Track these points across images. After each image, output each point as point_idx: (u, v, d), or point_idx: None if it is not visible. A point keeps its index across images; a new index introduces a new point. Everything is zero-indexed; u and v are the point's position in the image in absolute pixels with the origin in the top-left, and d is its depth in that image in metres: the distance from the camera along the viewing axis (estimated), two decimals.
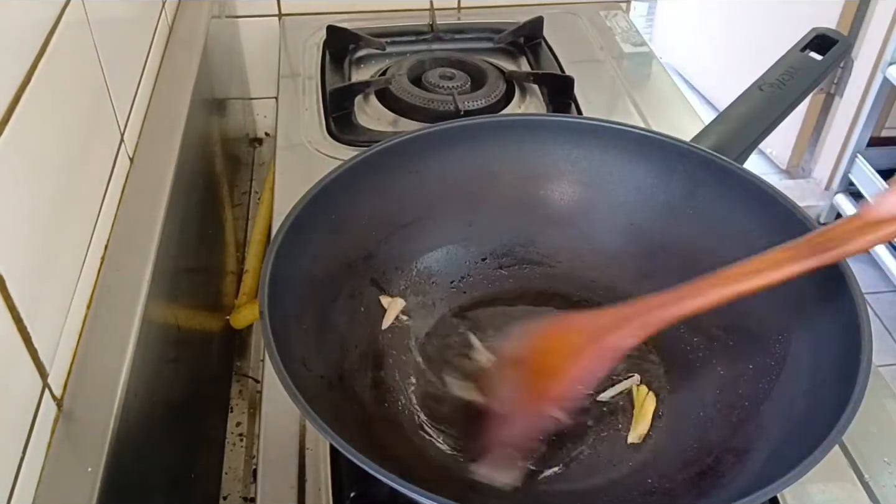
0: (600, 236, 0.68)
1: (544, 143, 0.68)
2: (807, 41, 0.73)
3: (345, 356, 0.59)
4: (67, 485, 0.45)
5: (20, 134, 0.45)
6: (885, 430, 0.60)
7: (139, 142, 0.71)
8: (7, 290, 0.43)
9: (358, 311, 0.62)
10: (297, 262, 0.55)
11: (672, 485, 0.54)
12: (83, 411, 0.49)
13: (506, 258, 0.70)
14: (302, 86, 1.00)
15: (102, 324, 0.54)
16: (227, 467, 0.76)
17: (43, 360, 0.47)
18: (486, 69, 0.99)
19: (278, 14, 1.17)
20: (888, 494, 0.56)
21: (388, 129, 0.91)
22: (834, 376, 0.49)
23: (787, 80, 0.70)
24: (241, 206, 1.05)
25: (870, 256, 1.86)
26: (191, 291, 0.75)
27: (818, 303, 0.54)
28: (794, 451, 0.44)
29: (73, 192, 0.55)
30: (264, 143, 1.24)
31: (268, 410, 0.61)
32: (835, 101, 2.08)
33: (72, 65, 0.57)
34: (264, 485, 0.56)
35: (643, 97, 0.99)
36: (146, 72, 0.77)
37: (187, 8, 0.95)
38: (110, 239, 0.61)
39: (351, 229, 0.62)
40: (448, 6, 1.18)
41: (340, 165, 0.61)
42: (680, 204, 0.64)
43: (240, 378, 0.86)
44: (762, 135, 0.69)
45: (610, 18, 1.17)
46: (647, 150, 0.65)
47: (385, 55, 1.06)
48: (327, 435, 0.43)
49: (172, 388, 0.64)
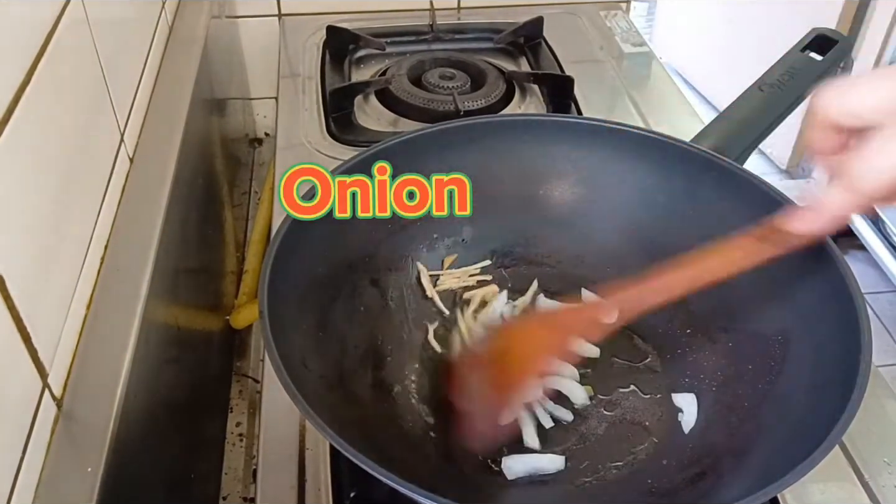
0: (600, 236, 0.68)
1: (544, 143, 0.68)
2: (807, 41, 0.73)
3: (344, 356, 0.59)
4: (67, 485, 0.45)
5: (20, 134, 0.45)
6: (885, 430, 0.60)
7: (139, 142, 0.71)
8: (7, 291, 0.43)
9: (358, 311, 0.62)
10: (296, 262, 0.55)
11: (672, 485, 0.54)
12: (83, 411, 0.49)
13: (506, 258, 0.70)
14: (302, 86, 1.00)
15: (102, 324, 0.54)
16: (227, 467, 0.76)
17: (43, 360, 0.47)
18: (485, 69, 0.99)
19: (278, 14, 1.17)
20: (888, 494, 0.56)
21: (387, 130, 0.91)
22: (834, 376, 0.49)
23: (788, 80, 0.70)
24: (241, 206, 1.05)
25: (870, 256, 1.86)
26: (191, 291, 0.75)
27: (818, 303, 0.54)
28: (794, 451, 0.44)
29: (73, 193, 0.55)
30: (264, 143, 1.24)
31: (268, 410, 0.61)
32: None
33: (72, 65, 0.57)
34: (264, 485, 0.56)
35: (643, 97, 0.99)
36: (146, 72, 0.77)
37: (187, 8, 0.95)
38: (110, 239, 0.61)
39: (351, 229, 0.61)
40: (448, 6, 1.18)
41: (340, 165, 0.61)
42: (680, 204, 0.64)
43: (240, 378, 0.86)
44: (762, 135, 0.69)
45: (610, 18, 1.17)
46: (647, 151, 0.65)
47: (385, 55, 1.06)
48: (327, 435, 0.43)
49: (172, 388, 0.64)
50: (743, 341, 0.59)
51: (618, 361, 0.63)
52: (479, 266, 0.68)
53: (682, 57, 2.62)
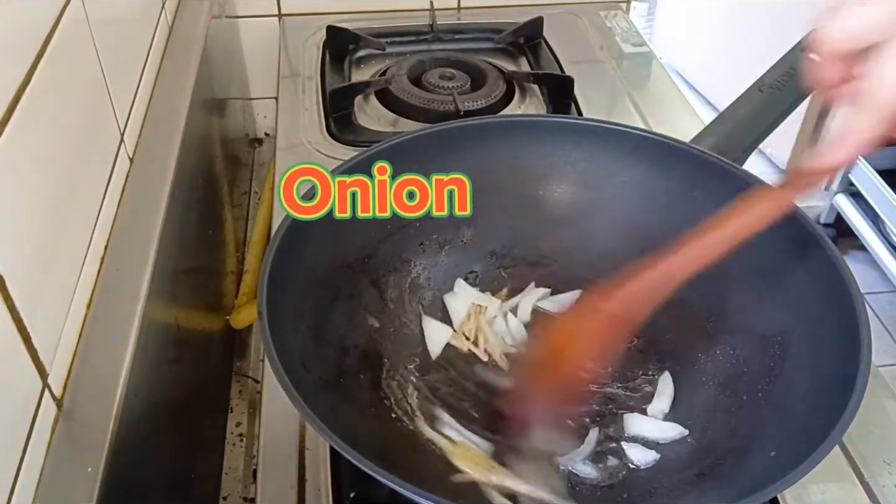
0: (600, 237, 0.68)
1: (544, 143, 0.68)
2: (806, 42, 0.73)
3: (344, 357, 0.59)
4: (67, 485, 0.45)
5: (20, 134, 0.45)
6: (885, 430, 0.60)
7: (139, 142, 0.71)
8: (7, 291, 0.43)
9: (357, 312, 0.62)
10: (296, 262, 0.55)
11: (672, 485, 0.54)
12: (83, 411, 0.49)
13: (505, 258, 0.70)
14: (302, 86, 1.00)
15: (102, 324, 0.54)
16: (227, 467, 0.76)
17: (43, 360, 0.47)
18: (485, 69, 0.99)
19: (278, 14, 1.17)
20: (888, 494, 0.56)
21: (387, 130, 0.91)
22: (833, 377, 0.49)
23: (787, 80, 0.70)
24: (241, 206, 1.05)
25: (870, 256, 1.86)
26: (191, 291, 0.76)
27: (817, 303, 0.54)
28: (794, 451, 0.44)
29: (73, 192, 0.55)
30: (264, 144, 1.24)
31: (268, 410, 0.61)
32: None
33: (72, 65, 0.57)
34: (264, 485, 0.56)
35: (643, 97, 0.99)
36: (146, 72, 0.77)
37: (187, 8, 0.95)
38: (110, 239, 0.61)
39: (350, 230, 0.62)
40: (448, 6, 1.18)
41: (340, 166, 0.61)
42: (679, 205, 0.64)
43: (240, 378, 0.86)
44: (762, 136, 0.68)
45: (610, 18, 1.17)
46: (647, 151, 0.65)
47: (385, 55, 1.06)
48: (326, 436, 0.43)
49: (172, 388, 0.64)
50: (742, 342, 0.59)
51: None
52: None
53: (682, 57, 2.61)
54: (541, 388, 0.55)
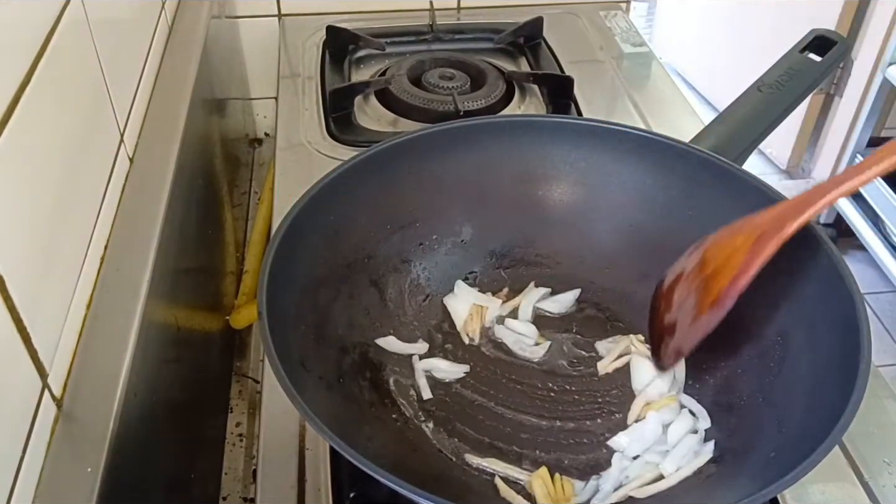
0: (600, 237, 0.68)
1: (543, 143, 0.68)
2: (806, 42, 0.73)
3: (344, 357, 0.59)
4: (67, 485, 0.45)
5: (20, 134, 0.45)
6: (885, 430, 0.60)
7: (139, 142, 0.71)
8: (7, 291, 0.43)
9: (357, 312, 0.62)
10: (296, 262, 0.55)
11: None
12: (83, 411, 0.49)
13: (505, 259, 0.70)
14: (302, 86, 1.00)
15: (102, 324, 0.54)
16: (227, 467, 0.76)
17: (43, 360, 0.47)
18: (485, 69, 0.99)
19: (278, 14, 1.17)
20: (888, 494, 0.56)
21: (387, 130, 0.91)
22: (833, 377, 0.49)
23: (787, 81, 0.70)
24: (240, 206, 1.05)
25: (869, 256, 1.86)
26: (191, 291, 0.75)
27: (817, 303, 0.54)
28: (794, 451, 0.44)
29: (73, 192, 0.55)
30: (264, 144, 1.24)
31: (268, 410, 0.61)
32: (834, 102, 2.08)
33: (72, 65, 0.57)
34: (264, 485, 0.56)
35: (643, 97, 0.99)
36: (146, 72, 0.77)
37: (187, 8, 0.95)
38: (110, 239, 0.61)
39: (350, 230, 0.62)
40: (448, 6, 1.18)
41: (339, 166, 0.61)
42: (679, 205, 0.64)
43: (240, 378, 0.86)
44: (761, 136, 0.69)
45: (610, 18, 1.17)
46: (647, 151, 0.66)
47: (385, 55, 1.06)
48: (326, 436, 0.43)
49: (172, 388, 0.64)
50: (742, 342, 0.59)
51: None
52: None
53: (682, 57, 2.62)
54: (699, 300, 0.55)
